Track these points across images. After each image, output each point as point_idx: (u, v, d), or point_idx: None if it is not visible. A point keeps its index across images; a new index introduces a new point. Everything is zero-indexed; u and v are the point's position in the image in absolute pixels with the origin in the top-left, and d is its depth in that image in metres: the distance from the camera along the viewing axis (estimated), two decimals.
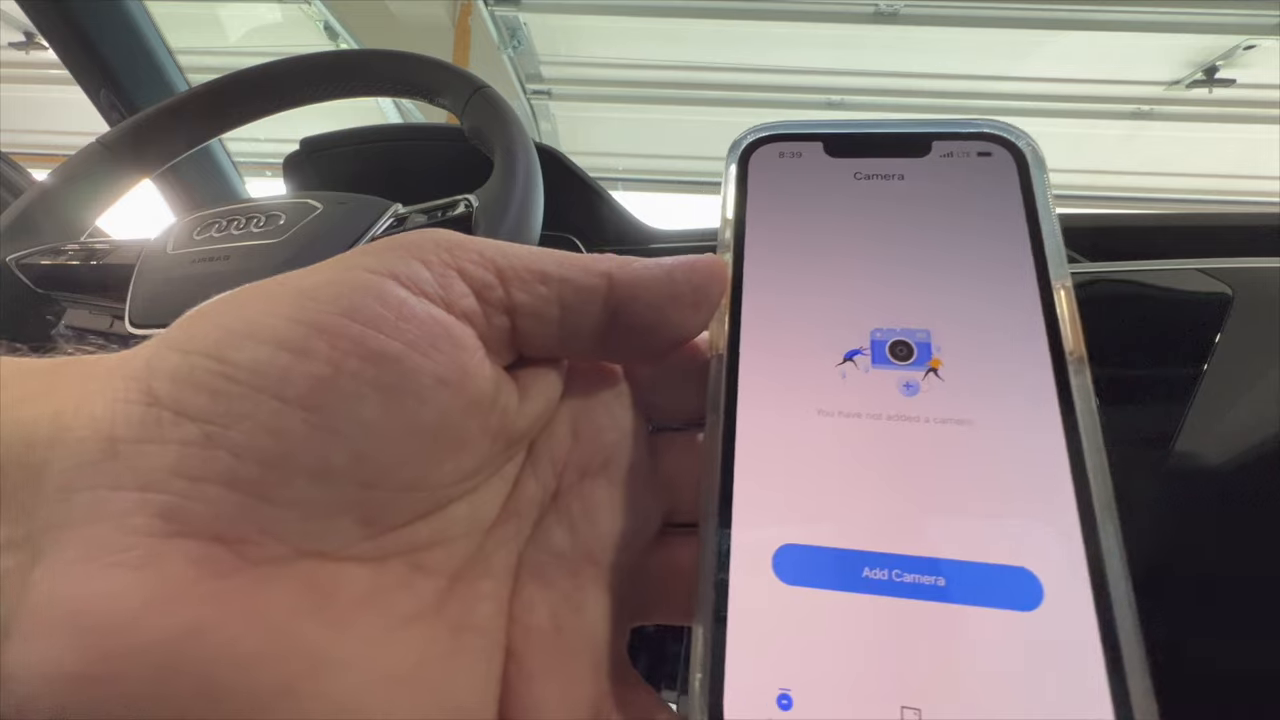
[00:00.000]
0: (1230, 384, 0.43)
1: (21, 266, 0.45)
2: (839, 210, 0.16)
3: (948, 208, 0.15)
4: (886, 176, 0.16)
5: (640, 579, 0.15)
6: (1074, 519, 0.12)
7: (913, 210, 0.16)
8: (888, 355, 0.14)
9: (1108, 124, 2.60)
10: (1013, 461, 0.13)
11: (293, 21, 2.39)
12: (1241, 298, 0.47)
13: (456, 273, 0.13)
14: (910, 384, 0.14)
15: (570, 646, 0.14)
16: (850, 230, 0.16)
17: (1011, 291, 0.14)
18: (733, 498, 0.13)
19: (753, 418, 0.14)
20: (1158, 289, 0.50)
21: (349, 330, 0.11)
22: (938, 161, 0.16)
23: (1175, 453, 0.42)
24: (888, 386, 0.14)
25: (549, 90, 2.73)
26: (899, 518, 0.13)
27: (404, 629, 0.12)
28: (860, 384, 0.14)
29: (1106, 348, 0.51)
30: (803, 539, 0.13)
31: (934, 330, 0.14)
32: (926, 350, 0.14)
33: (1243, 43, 2.15)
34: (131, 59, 0.73)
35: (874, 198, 0.16)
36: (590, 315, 0.14)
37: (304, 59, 0.50)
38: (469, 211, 0.41)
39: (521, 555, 0.15)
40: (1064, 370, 0.13)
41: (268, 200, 0.45)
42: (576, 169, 0.70)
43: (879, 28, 2.24)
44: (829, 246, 0.16)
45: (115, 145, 0.50)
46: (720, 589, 0.13)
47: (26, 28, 2.44)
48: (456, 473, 0.13)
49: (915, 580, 0.12)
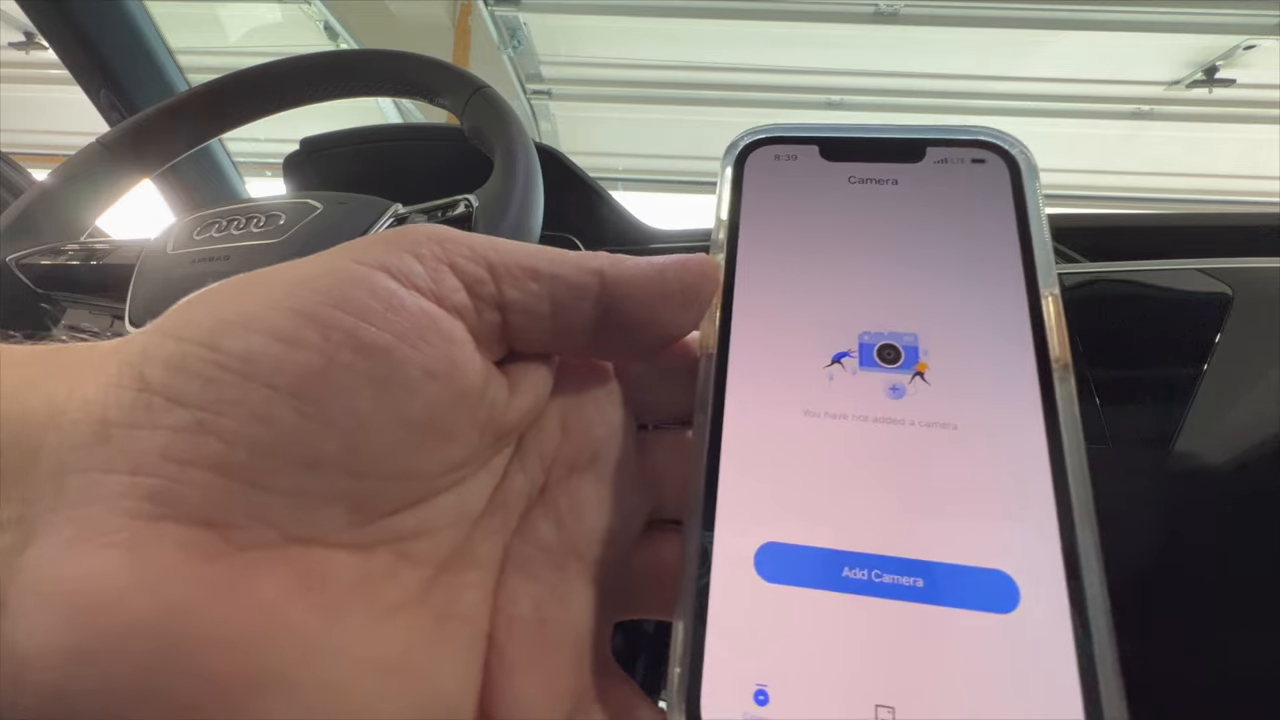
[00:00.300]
0: (1230, 384, 0.43)
1: (21, 266, 0.45)
2: (832, 213, 0.16)
3: (940, 213, 0.16)
4: (880, 181, 0.16)
5: (626, 574, 0.15)
6: (1053, 524, 0.12)
7: (905, 215, 0.16)
8: (875, 358, 0.14)
9: (1108, 124, 2.60)
10: (995, 466, 0.13)
11: (293, 21, 2.39)
12: (1241, 298, 0.47)
13: (448, 267, 0.13)
14: (897, 387, 0.14)
15: (553, 638, 0.14)
16: (843, 233, 0.16)
17: (1000, 298, 0.14)
18: (717, 495, 0.14)
19: (739, 417, 0.14)
20: (1158, 289, 0.50)
21: (341, 321, 0.12)
22: (932, 167, 0.16)
23: (1175, 453, 0.42)
24: (874, 389, 0.14)
25: (549, 90, 2.73)
26: (880, 519, 0.13)
27: (391, 617, 0.12)
28: (847, 386, 0.14)
29: (1106, 348, 0.51)
30: (785, 537, 0.13)
31: (922, 334, 0.14)
32: (914, 354, 0.14)
33: (1243, 43, 2.16)
34: (131, 59, 0.73)
35: (867, 201, 0.16)
36: (582, 312, 0.14)
37: (304, 59, 0.50)
38: (469, 211, 0.41)
39: (508, 547, 0.15)
40: (1049, 377, 0.14)
41: (268, 200, 0.45)
42: (576, 169, 0.70)
43: (879, 28, 2.24)
44: (821, 249, 0.16)
45: (115, 145, 0.50)
46: (701, 585, 0.13)
47: (26, 28, 2.44)
48: (444, 464, 0.13)
49: (894, 581, 0.12)
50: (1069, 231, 0.61)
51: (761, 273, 0.16)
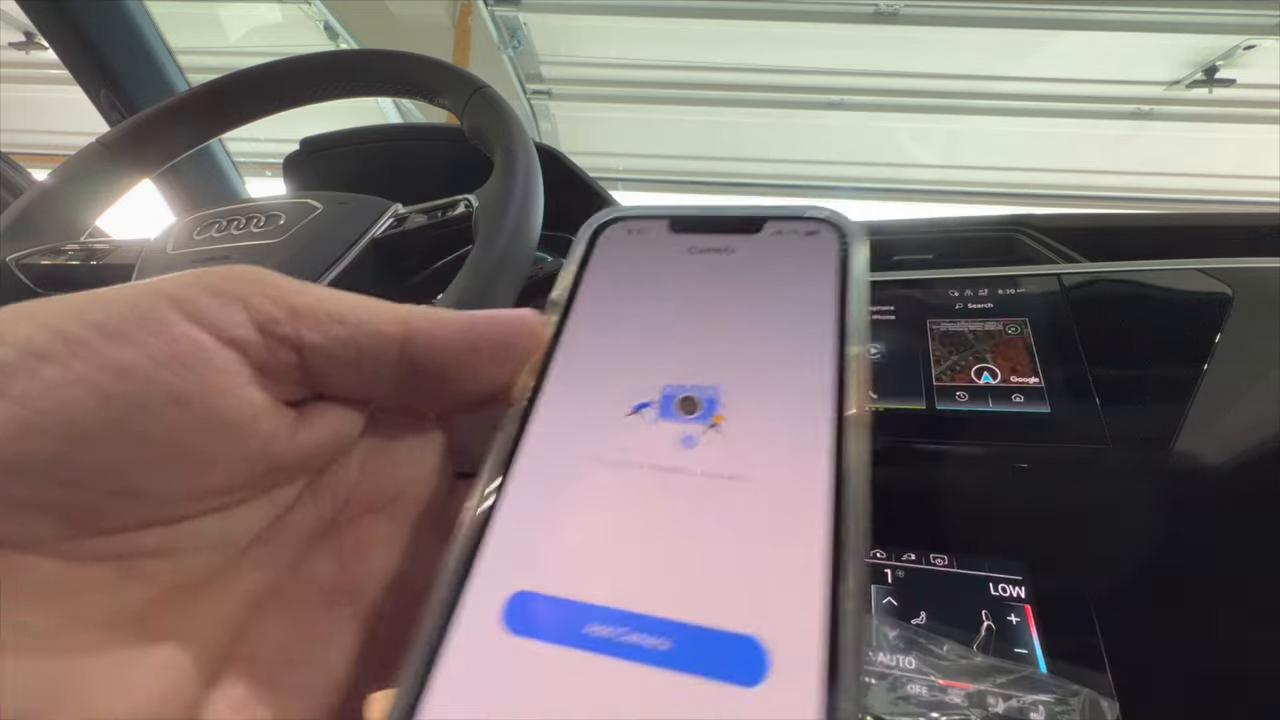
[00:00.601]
0: (1230, 384, 0.43)
1: (21, 266, 0.45)
2: (666, 279, 0.17)
3: (766, 278, 0.16)
4: (719, 250, 0.17)
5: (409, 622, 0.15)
6: (819, 592, 0.11)
7: (733, 280, 0.16)
8: (675, 409, 0.14)
9: (1108, 124, 2.59)
10: (771, 522, 0.13)
11: (293, 21, 2.39)
12: (1241, 298, 0.47)
13: (241, 303, 0.13)
14: (690, 437, 0.14)
15: (295, 683, 0.14)
16: (671, 296, 0.16)
17: (807, 355, 0.14)
18: (483, 541, 0.13)
19: (527, 465, 0.14)
20: (1158, 289, 0.50)
21: (88, 337, 0.12)
22: (768, 238, 0.17)
23: (1175, 453, 0.42)
24: (668, 439, 0.14)
25: (549, 90, 2.73)
26: (642, 572, 0.12)
27: (90, 629, 0.12)
28: (641, 435, 0.14)
29: (1106, 348, 0.51)
30: (538, 587, 0.12)
31: (723, 387, 0.14)
32: (712, 406, 0.14)
33: (1243, 43, 2.15)
34: (131, 59, 0.73)
35: (701, 268, 0.17)
36: (387, 361, 0.14)
37: (304, 59, 0.50)
38: (469, 211, 0.41)
39: (276, 581, 0.14)
40: (843, 431, 0.13)
41: (268, 200, 0.45)
42: (576, 169, 0.70)
43: (879, 28, 2.24)
44: (648, 311, 0.16)
45: (115, 145, 0.50)
46: (439, 631, 0.12)
47: (26, 28, 2.44)
48: (195, 489, 0.13)
49: (638, 641, 0.12)
50: (1069, 231, 0.61)
51: (588, 332, 0.16)
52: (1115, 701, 0.36)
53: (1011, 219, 0.64)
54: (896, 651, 0.41)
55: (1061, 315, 0.50)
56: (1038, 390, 0.46)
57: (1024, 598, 0.43)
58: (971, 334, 0.51)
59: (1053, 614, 0.42)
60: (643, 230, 0.18)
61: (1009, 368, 0.48)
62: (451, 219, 0.41)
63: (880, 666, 0.41)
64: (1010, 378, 0.48)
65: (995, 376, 0.48)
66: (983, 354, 0.50)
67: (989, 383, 0.48)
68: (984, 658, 0.40)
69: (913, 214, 0.70)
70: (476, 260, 0.37)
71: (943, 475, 0.47)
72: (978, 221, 0.66)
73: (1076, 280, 0.52)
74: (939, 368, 0.50)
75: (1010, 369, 0.48)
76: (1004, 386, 0.47)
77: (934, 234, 0.66)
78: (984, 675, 0.39)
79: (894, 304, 0.55)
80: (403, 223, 0.44)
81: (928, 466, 0.47)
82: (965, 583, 0.45)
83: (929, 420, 0.47)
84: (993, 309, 0.52)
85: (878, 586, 0.46)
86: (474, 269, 0.37)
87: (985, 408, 0.46)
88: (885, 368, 0.51)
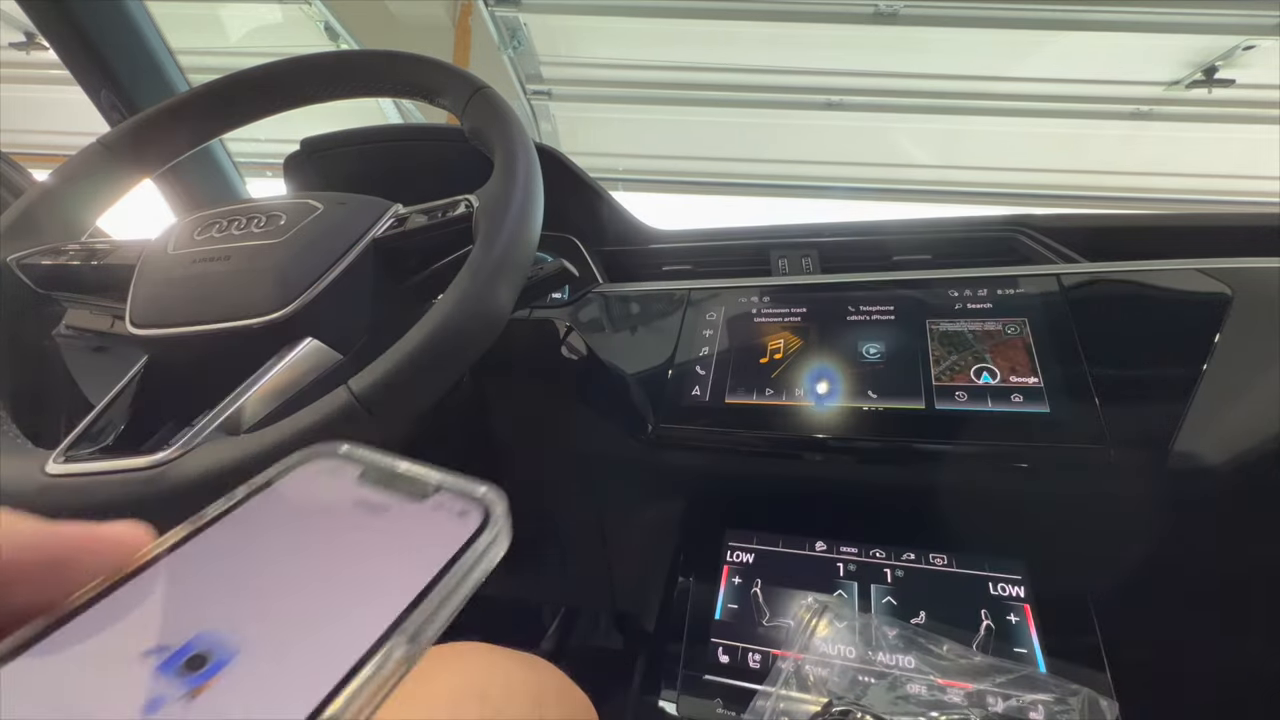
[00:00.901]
0: (1230, 384, 0.43)
1: (22, 267, 0.45)
2: (297, 529, 0.16)
3: (385, 549, 0.15)
4: (377, 508, 0.16)
5: None
6: None
7: (352, 545, 0.16)
8: (180, 663, 0.13)
9: (1107, 124, 2.59)
10: None
11: (293, 21, 2.39)
12: (1241, 298, 0.47)
13: None
14: (159, 699, 0.13)
15: None
16: (283, 547, 0.16)
17: (348, 640, 0.13)
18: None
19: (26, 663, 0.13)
20: (1157, 289, 0.50)
21: None
22: (427, 509, 0.16)
23: (1174, 453, 0.42)
24: (143, 692, 0.13)
25: (549, 91, 2.73)
26: None
27: None
28: (132, 678, 0.13)
29: (1106, 348, 0.51)
30: None
31: (242, 655, 0.13)
32: (216, 669, 0.13)
33: (1242, 43, 2.15)
34: (131, 59, 0.73)
35: (342, 525, 0.16)
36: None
37: (304, 59, 0.50)
38: (469, 212, 0.41)
39: None
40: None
41: (268, 200, 0.45)
42: (576, 169, 0.70)
43: (879, 28, 2.24)
44: (252, 554, 0.15)
45: (115, 145, 0.50)
46: None
47: (26, 28, 2.44)
48: None
49: None
50: (1068, 232, 0.61)
51: (187, 556, 0.15)
52: (1114, 701, 0.36)
53: (1011, 219, 0.64)
54: (896, 651, 0.41)
55: (1061, 315, 0.50)
56: (1037, 390, 0.46)
57: (1023, 597, 0.43)
58: (971, 334, 0.51)
59: (1052, 614, 0.42)
60: (333, 472, 0.17)
61: (1008, 368, 0.48)
62: (452, 219, 0.41)
63: (880, 666, 0.41)
64: (1009, 378, 0.48)
65: (994, 376, 0.48)
66: (982, 354, 0.50)
67: (988, 383, 0.48)
68: (983, 657, 0.40)
69: (912, 214, 0.70)
70: (476, 260, 0.37)
71: (942, 475, 0.47)
72: (977, 222, 0.66)
73: (1076, 280, 0.52)
74: (938, 368, 0.50)
75: (1009, 369, 0.48)
76: (1003, 386, 0.47)
77: (933, 234, 0.66)
78: (983, 675, 0.39)
79: (894, 304, 0.55)
80: (403, 223, 0.44)
81: (927, 466, 0.47)
82: (965, 582, 0.45)
83: (928, 420, 0.47)
84: (992, 309, 0.52)
85: (877, 586, 0.46)
86: (474, 269, 0.37)
87: (984, 408, 0.47)
88: (885, 368, 0.51)
